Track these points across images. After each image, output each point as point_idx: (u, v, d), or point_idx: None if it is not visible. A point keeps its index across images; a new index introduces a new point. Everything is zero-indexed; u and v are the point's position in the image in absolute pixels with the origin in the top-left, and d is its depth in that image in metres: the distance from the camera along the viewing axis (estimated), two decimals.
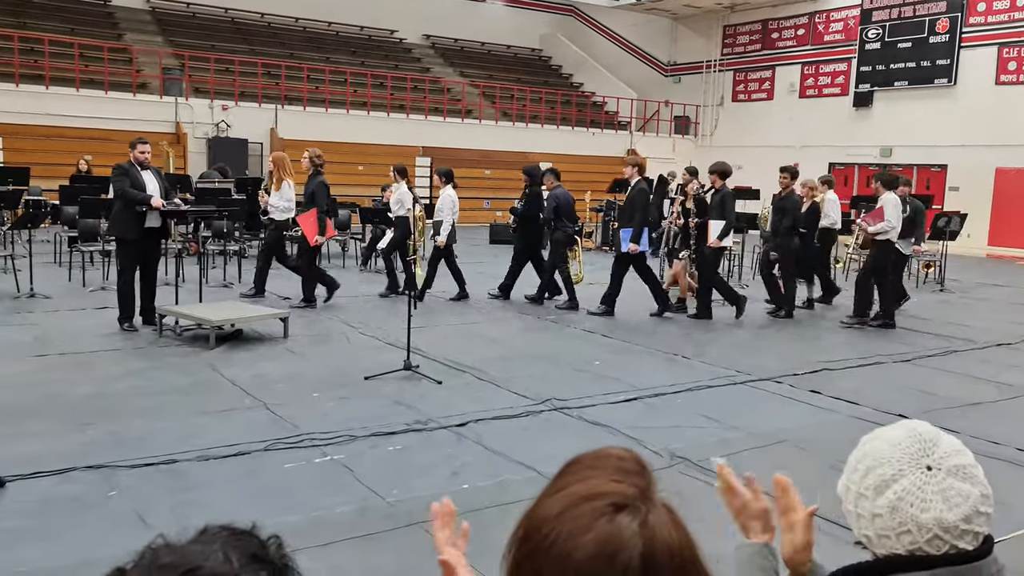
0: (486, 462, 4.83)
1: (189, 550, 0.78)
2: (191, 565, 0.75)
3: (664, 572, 0.83)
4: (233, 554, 0.78)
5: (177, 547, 0.79)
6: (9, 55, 18.46)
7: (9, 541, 3.61)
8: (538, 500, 0.92)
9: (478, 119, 24.27)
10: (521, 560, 0.87)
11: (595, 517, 0.84)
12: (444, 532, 1.25)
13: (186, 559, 0.76)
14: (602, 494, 0.87)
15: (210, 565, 0.75)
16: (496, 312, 9.74)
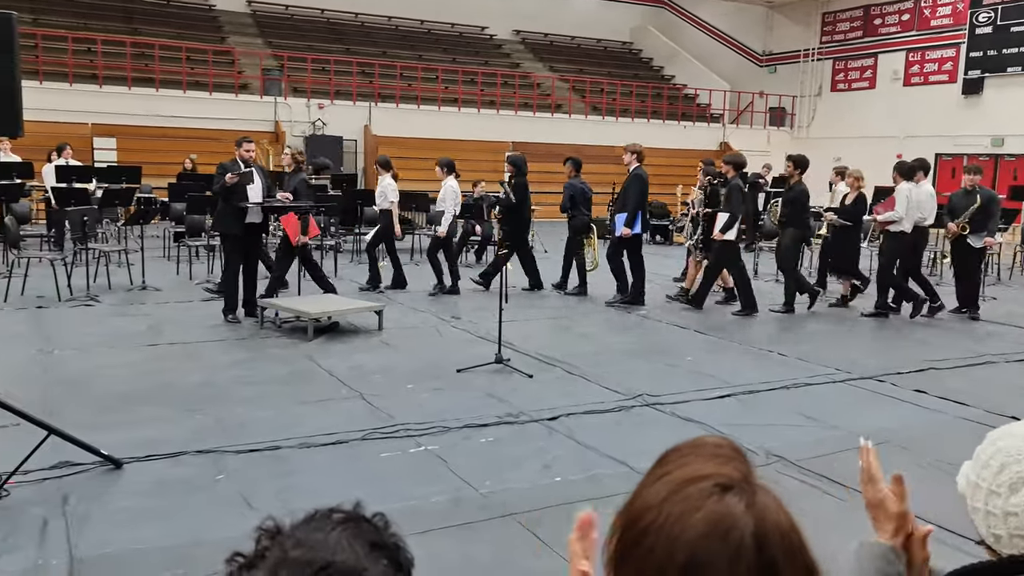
0: (578, 456, 4.84)
1: (315, 541, 0.78)
2: (323, 561, 0.75)
3: (776, 552, 0.82)
4: (355, 544, 0.79)
5: (302, 538, 0.78)
6: (122, 60, 19.43)
7: (128, 519, 3.82)
8: (637, 491, 0.92)
9: (567, 114, 24.22)
10: (625, 550, 0.88)
11: (703, 497, 0.84)
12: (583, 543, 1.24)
13: (316, 553, 0.76)
14: (706, 476, 0.87)
15: (340, 559, 0.76)
16: (584, 307, 9.72)
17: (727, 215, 9.24)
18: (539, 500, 4.17)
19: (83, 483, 4.19)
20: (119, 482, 4.25)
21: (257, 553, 0.77)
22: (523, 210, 10.42)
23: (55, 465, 4.31)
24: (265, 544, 0.78)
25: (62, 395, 5.64)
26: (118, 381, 6.07)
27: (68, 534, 3.64)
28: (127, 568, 3.38)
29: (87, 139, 17.53)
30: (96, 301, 8.94)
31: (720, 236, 9.29)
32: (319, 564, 0.74)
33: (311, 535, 0.78)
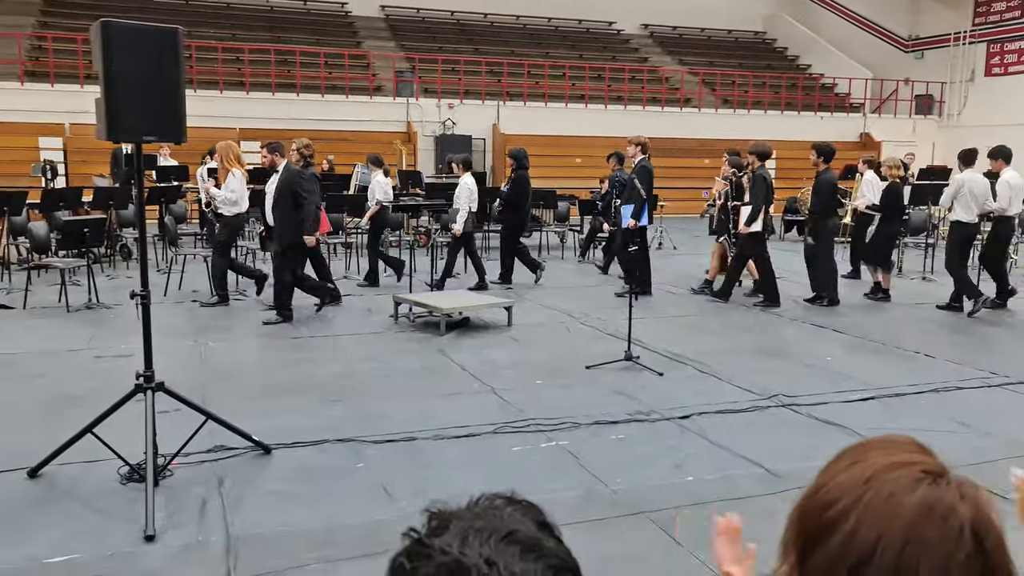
0: (711, 455, 4.75)
1: (492, 515, 0.81)
2: (507, 530, 0.78)
3: (990, 546, 0.81)
4: (526, 520, 0.82)
5: (480, 513, 0.82)
6: (266, 67, 20.49)
7: (276, 502, 4.04)
8: (823, 479, 0.91)
9: (697, 107, 23.74)
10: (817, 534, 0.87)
11: (914, 480, 0.84)
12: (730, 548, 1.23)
13: (499, 523, 0.79)
14: (911, 463, 0.86)
15: (523, 530, 0.79)
16: (715, 305, 9.50)
17: (751, 207, 9.07)
18: (671, 499, 4.13)
19: (236, 466, 4.46)
20: (268, 467, 4.50)
21: (440, 525, 0.80)
22: (523, 204, 10.45)
23: (211, 449, 4.61)
24: (445, 518, 0.81)
25: (216, 383, 6.02)
26: (265, 371, 6.42)
27: (224, 514, 3.89)
28: (276, 548, 3.58)
29: (235, 143, 18.58)
30: (244, 296, 9.47)
31: (745, 229, 9.11)
32: (504, 532, 0.77)
33: (486, 511, 0.82)
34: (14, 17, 21.31)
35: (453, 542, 0.76)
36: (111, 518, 3.83)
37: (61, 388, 5.86)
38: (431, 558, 0.76)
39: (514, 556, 0.75)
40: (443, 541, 0.77)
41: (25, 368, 6.37)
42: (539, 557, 0.77)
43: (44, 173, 12.57)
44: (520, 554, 0.76)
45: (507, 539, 0.77)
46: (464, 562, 0.74)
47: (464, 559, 0.74)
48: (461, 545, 0.76)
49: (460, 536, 0.77)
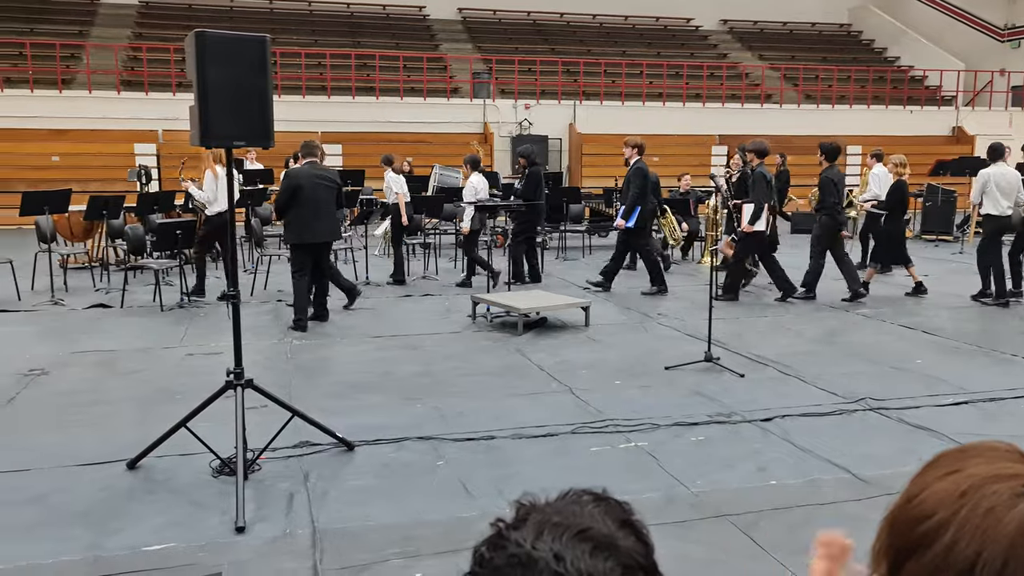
0: (795, 459, 4.65)
1: (572, 511, 0.83)
2: (583, 525, 0.80)
3: None
4: (607, 518, 0.83)
5: (561, 508, 0.84)
6: (347, 71, 20.94)
7: (360, 497, 4.13)
8: (915, 489, 0.88)
9: (778, 103, 23.23)
10: (911, 547, 0.84)
11: (1015, 494, 0.80)
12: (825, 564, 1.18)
13: (575, 520, 0.81)
14: (1012, 475, 0.82)
15: (596, 527, 0.81)
16: (799, 306, 9.28)
17: (752, 205, 9.03)
18: (754, 503, 4.05)
19: (321, 462, 4.58)
20: (351, 463, 4.60)
21: (520, 518, 0.83)
22: (536, 200, 10.36)
23: (297, 444, 4.74)
24: (527, 511, 0.83)
25: (301, 381, 6.19)
26: (347, 369, 6.57)
27: (310, 508, 4.00)
28: (360, 542, 3.66)
29: None
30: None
31: (749, 228, 9.08)
32: (577, 528, 0.79)
33: (568, 507, 0.84)
34: (111, 29, 22.33)
35: (528, 535, 0.79)
36: (204, 509, 3.98)
37: (156, 383, 6.11)
38: (505, 549, 0.79)
39: (584, 553, 0.77)
40: (519, 534, 0.80)
41: (124, 364, 6.67)
42: (610, 555, 0.78)
43: (139, 178, 13.13)
44: (591, 551, 0.78)
45: (579, 536, 0.79)
46: (534, 555, 0.77)
47: (534, 552, 0.77)
48: (535, 539, 0.78)
49: (535, 530, 0.79)
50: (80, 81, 19.60)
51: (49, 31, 21.22)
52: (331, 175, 8.10)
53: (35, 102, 18.46)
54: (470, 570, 0.81)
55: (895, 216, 9.69)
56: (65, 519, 3.88)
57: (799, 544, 3.63)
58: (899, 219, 9.71)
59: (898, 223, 9.71)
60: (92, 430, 5.10)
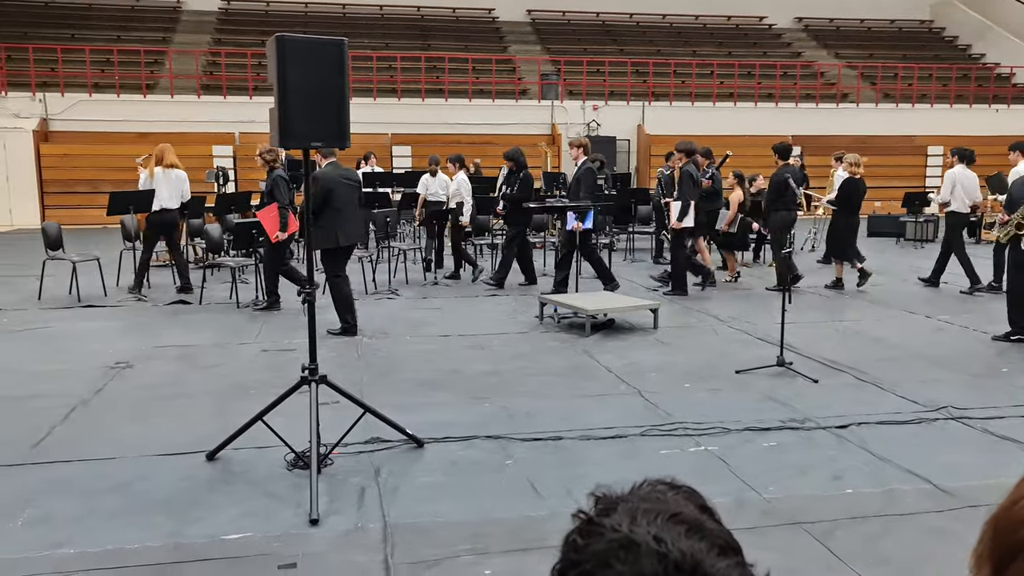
0: (872, 468, 4.52)
1: (657, 498, 0.85)
2: (673, 510, 0.82)
3: None
4: (689, 503, 0.86)
5: (646, 496, 0.86)
6: (417, 74, 21.19)
7: (430, 494, 4.18)
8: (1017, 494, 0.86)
9: (855, 103, 22.63)
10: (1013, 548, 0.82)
11: None
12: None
13: (664, 505, 0.83)
14: None
15: (686, 511, 0.83)
16: (876, 310, 9.03)
17: (679, 203, 9.40)
18: (829, 511, 3.96)
19: (391, 458, 4.65)
20: (421, 459, 4.66)
21: (607, 506, 0.85)
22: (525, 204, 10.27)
23: (368, 440, 4.82)
24: (613, 500, 0.86)
25: (372, 378, 6.29)
26: (416, 367, 6.65)
27: (381, 502, 4.06)
28: (430, 538, 3.70)
29: (387, 147, 19.34)
30: (396, 295, 9.84)
31: (678, 225, 9.47)
32: (670, 512, 0.81)
33: (651, 494, 0.86)
34: (192, 35, 23.07)
35: (623, 521, 0.81)
36: (279, 501, 4.08)
37: (233, 378, 6.29)
38: (602, 535, 0.80)
39: (681, 534, 0.79)
40: (613, 520, 0.82)
41: (203, 359, 6.88)
42: (704, 536, 0.80)
43: (217, 179, 13.53)
44: (686, 533, 0.80)
45: (673, 519, 0.81)
46: (634, 538, 0.79)
47: (633, 536, 0.79)
48: (631, 524, 0.80)
49: (629, 516, 0.81)
50: (163, 86, 20.30)
51: (135, 38, 22.04)
52: (354, 175, 8.07)
53: (121, 106, 19.19)
54: (563, 557, 0.83)
55: (847, 211, 10.29)
56: (148, 507, 4.03)
57: (878, 555, 3.54)
58: (852, 215, 10.32)
59: (851, 218, 10.31)
60: (173, 421, 5.28)
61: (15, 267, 11.78)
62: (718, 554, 0.79)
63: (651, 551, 0.77)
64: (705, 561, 0.78)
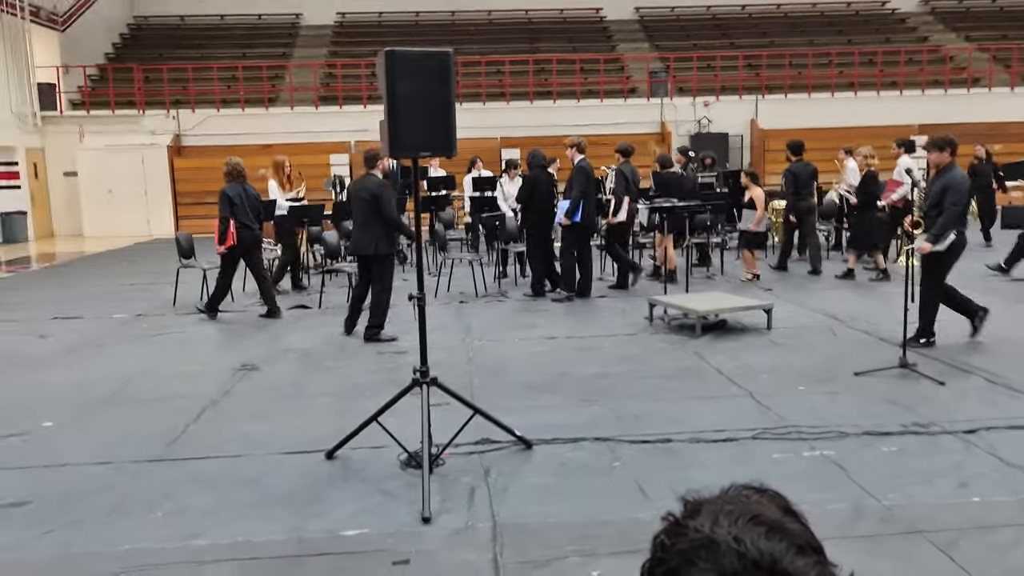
0: (1003, 475, 4.29)
1: (740, 501, 0.90)
2: (754, 512, 0.87)
3: None
4: (772, 506, 0.90)
5: (730, 499, 0.91)
6: (525, 77, 21.36)
7: (538, 495, 4.24)
8: None
9: (987, 87, 21.33)
10: None
11: None
12: None
13: (745, 507, 0.88)
14: None
15: (767, 513, 0.87)
16: (1008, 309, 8.50)
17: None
18: (954, 520, 3.78)
19: (501, 459, 4.73)
20: (529, 461, 4.73)
21: (693, 508, 0.90)
22: (533, 204, 9.76)
23: (478, 441, 4.92)
24: (699, 503, 0.91)
25: (481, 380, 6.41)
26: (524, 370, 6.73)
27: (491, 502, 4.15)
28: (539, 538, 3.76)
29: (496, 151, 19.57)
30: (505, 297, 9.97)
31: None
32: (750, 514, 0.86)
33: (736, 497, 0.91)
34: (310, 49, 24.04)
35: (705, 522, 0.86)
36: (393, 499, 4.24)
37: (350, 379, 6.55)
38: (686, 536, 0.86)
39: (760, 535, 0.84)
40: (696, 522, 0.87)
41: (321, 361, 7.19)
42: (783, 537, 0.84)
43: (334, 187, 14.06)
44: (766, 533, 0.84)
45: (753, 520, 0.85)
46: (715, 538, 0.83)
47: (714, 536, 0.84)
48: (712, 525, 0.85)
49: (711, 517, 0.86)
50: (283, 99, 21.24)
51: (258, 54, 23.16)
52: (370, 185, 7.76)
53: (245, 120, 20.22)
54: (652, 556, 0.89)
55: (866, 205, 10.34)
56: (273, 501, 4.26)
57: (1008, 567, 3.37)
58: (872, 206, 10.34)
59: (869, 210, 10.35)
60: (295, 421, 5.55)
61: (153, 275, 12.59)
62: (796, 553, 0.83)
63: (731, 550, 0.82)
64: (783, 560, 0.82)
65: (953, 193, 6.64)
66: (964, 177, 6.84)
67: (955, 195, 6.64)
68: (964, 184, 6.75)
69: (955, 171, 6.81)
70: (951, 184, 6.68)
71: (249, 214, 8.94)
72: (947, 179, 6.74)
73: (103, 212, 19.28)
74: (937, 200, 6.74)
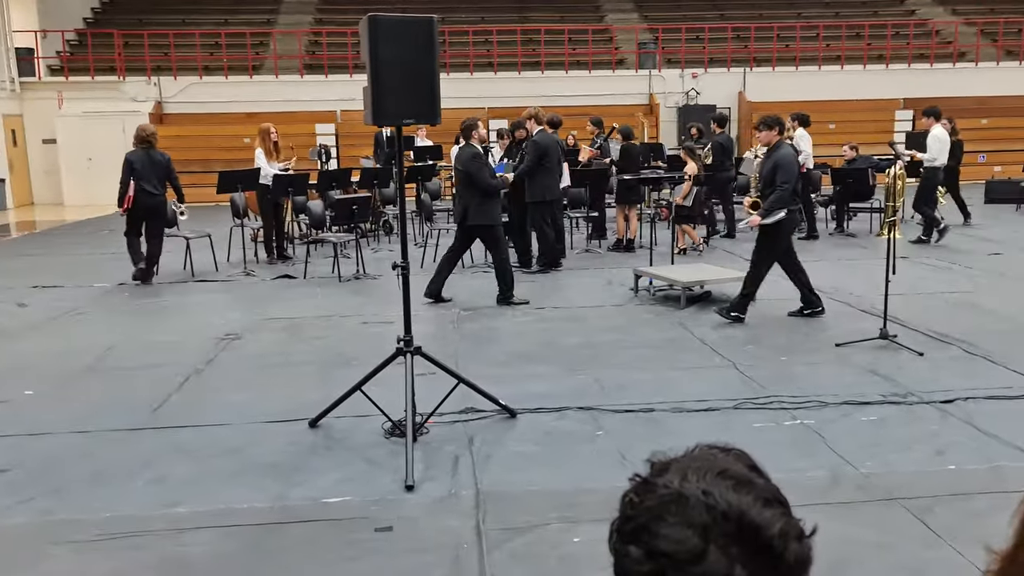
0: (977, 444, 4.35)
1: (707, 458, 0.91)
2: (721, 467, 0.89)
3: None
4: (738, 463, 0.92)
5: (697, 456, 0.92)
6: (513, 47, 21.18)
7: (521, 463, 4.27)
8: None
9: (973, 62, 21.34)
10: None
11: None
12: None
13: (713, 463, 0.90)
14: None
15: (734, 468, 0.89)
16: (990, 279, 8.57)
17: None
18: (929, 487, 3.84)
19: (485, 427, 4.76)
20: (513, 429, 4.75)
21: (660, 467, 0.92)
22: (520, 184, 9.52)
23: (462, 410, 4.94)
24: (665, 462, 0.92)
25: (467, 350, 6.42)
26: (510, 340, 6.75)
27: (474, 470, 4.18)
28: (521, 505, 3.79)
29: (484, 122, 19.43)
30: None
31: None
32: (718, 469, 0.88)
33: (702, 455, 0.93)
34: (295, 16, 23.70)
35: (674, 478, 0.88)
36: (377, 467, 4.25)
37: (335, 349, 6.54)
38: (654, 492, 0.87)
39: (728, 488, 0.86)
40: (665, 479, 0.89)
41: (307, 331, 7.17)
42: (750, 490, 0.87)
43: (319, 156, 13.93)
44: (733, 487, 0.86)
45: (721, 475, 0.87)
46: (684, 492, 0.85)
47: (683, 490, 0.86)
48: (681, 480, 0.87)
49: (680, 474, 0.88)
50: (268, 67, 20.97)
51: (242, 21, 22.81)
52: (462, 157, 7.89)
53: (229, 88, 19.95)
54: (620, 515, 0.90)
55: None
56: (257, 469, 4.27)
57: (981, 533, 3.41)
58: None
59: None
60: (279, 390, 5.55)
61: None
62: (763, 505, 0.85)
63: (699, 503, 0.84)
64: (751, 511, 0.84)
65: (783, 172, 6.75)
66: (792, 155, 6.95)
67: (784, 174, 6.75)
68: (793, 163, 6.87)
69: (784, 149, 6.93)
70: (780, 163, 6.80)
71: (153, 180, 9.28)
72: (777, 157, 6.87)
73: (83, 180, 19.02)
74: (770, 179, 6.85)
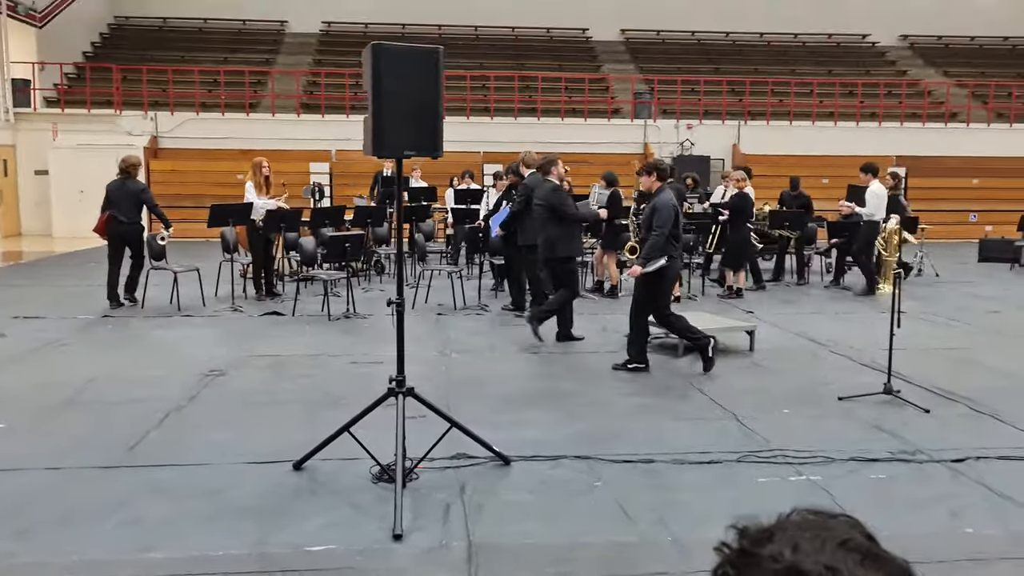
0: (993, 507, 4.17)
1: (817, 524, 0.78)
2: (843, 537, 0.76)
3: None
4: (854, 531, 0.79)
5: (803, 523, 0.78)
6: (510, 93, 21.30)
7: (516, 514, 4.05)
8: None
9: (964, 123, 21.58)
10: None
11: None
12: None
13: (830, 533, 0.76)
14: None
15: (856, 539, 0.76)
16: (991, 337, 8.47)
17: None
18: (945, 551, 3.65)
19: (477, 475, 4.54)
20: (507, 477, 4.54)
21: (762, 535, 0.77)
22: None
23: (454, 456, 4.73)
24: (765, 529, 0.78)
25: (459, 393, 6.22)
26: (504, 384, 6.55)
27: (466, 520, 3.96)
28: (517, 559, 3.57)
29: (478, 166, 19.44)
30: (486, 311, 9.79)
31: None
32: (839, 539, 0.74)
33: (809, 522, 0.78)
34: (295, 57, 23.84)
35: (784, 550, 0.74)
36: (363, 513, 4.03)
37: (322, 388, 6.33)
38: (760, 566, 0.73)
39: (856, 563, 0.72)
40: (771, 550, 0.74)
41: (294, 369, 6.96)
42: (880, 566, 0.73)
43: (313, 194, 13.83)
44: (861, 561, 0.73)
45: (844, 546, 0.73)
46: (801, 568, 0.71)
47: (799, 564, 0.71)
48: (793, 552, 0.73)
49: (790, 544, 0.74)
50: (265, 105, 20.99)
51: (241, 59, 22.91)
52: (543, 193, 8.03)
53: (225, 124, 19.91)
54: None
55: (737, 225, 10.93)
56: (236, 513, 4.03)
57: None
58: (743, 228, 10.97)
59: (741, 231, 10.97)
60: (263, 430, 5.32)
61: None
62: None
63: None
64: None
65: (659, 216, 6.74)
66: (670, 201, 6.91)
67: (659, 219, 6.72)
68: (670, 208, 6.83)
69: (663, 195, 6.91)
70: (658, 207, 6.80)
71: (124, 208, 9.88)
72: (656, 202, 6.88)
73: (74, 212, 18.80)
74: (648, 224, 6.84)
